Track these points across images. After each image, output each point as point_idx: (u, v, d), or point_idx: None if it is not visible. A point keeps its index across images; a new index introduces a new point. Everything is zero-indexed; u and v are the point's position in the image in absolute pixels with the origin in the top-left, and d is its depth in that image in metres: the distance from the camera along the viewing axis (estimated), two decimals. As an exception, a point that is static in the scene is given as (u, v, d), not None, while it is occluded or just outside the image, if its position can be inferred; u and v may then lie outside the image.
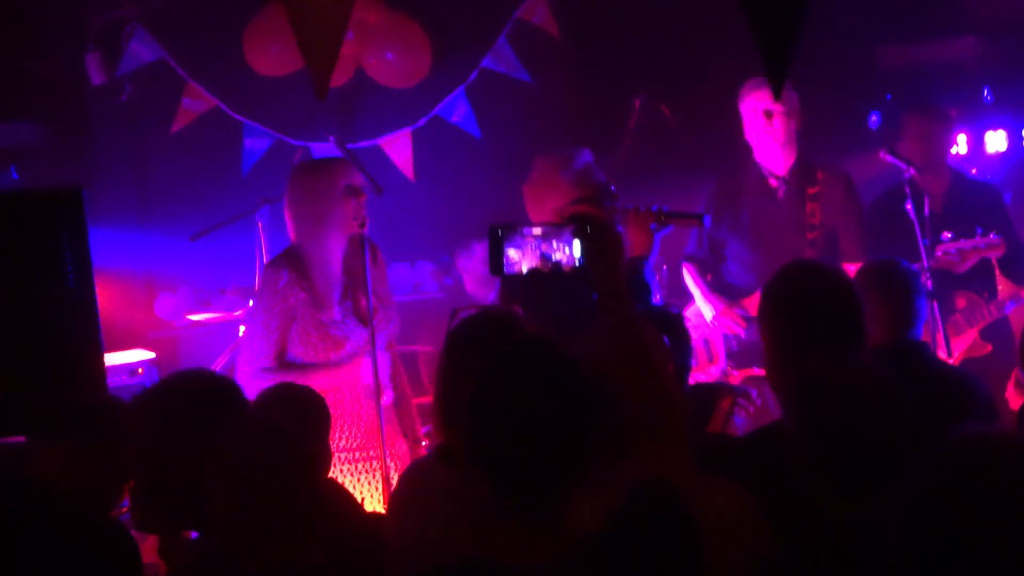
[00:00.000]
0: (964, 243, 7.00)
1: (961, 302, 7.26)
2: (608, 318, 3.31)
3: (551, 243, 3.41)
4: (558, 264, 3.42)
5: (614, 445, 3.22)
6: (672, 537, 2.97)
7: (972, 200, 7.52)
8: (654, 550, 2.95)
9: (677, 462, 3.21)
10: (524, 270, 3.44)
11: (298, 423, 4.07)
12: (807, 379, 3.58)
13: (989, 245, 7.04)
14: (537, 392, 3.02)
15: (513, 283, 5.46)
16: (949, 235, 7.03)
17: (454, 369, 4.14)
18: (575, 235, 3.41)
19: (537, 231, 3.41)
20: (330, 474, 4.96)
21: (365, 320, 6.05)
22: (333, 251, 6.09)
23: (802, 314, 4.16)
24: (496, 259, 3.44)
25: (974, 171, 8.69)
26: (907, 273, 5.25)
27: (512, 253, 3.42)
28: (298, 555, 3.60)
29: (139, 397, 4.16)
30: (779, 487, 3.64)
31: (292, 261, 6.06)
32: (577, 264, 3.40)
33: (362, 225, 6.02)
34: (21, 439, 4.36)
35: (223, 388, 4.10)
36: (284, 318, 5.99)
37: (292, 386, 4.88)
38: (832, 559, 3.42)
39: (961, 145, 8.89)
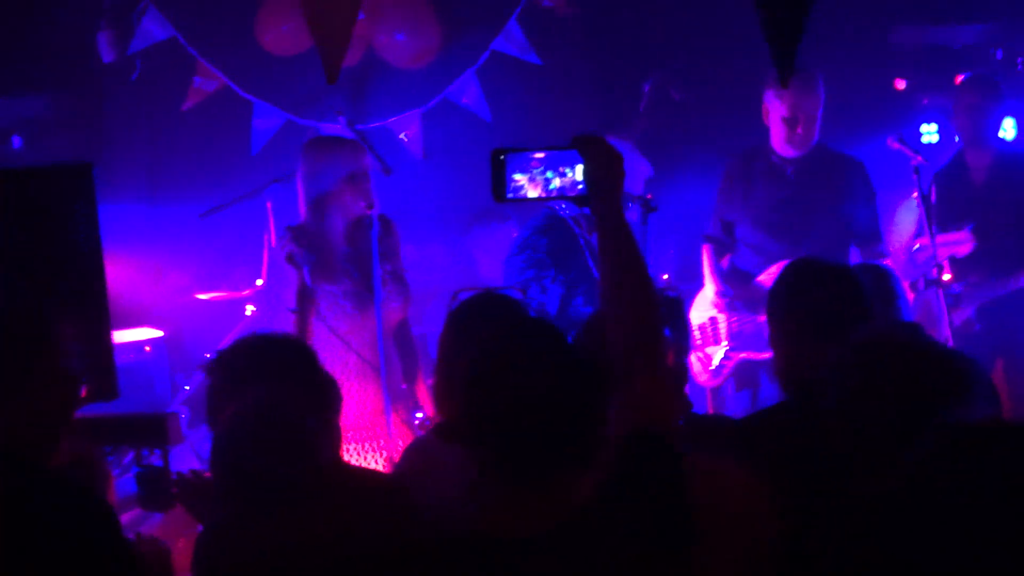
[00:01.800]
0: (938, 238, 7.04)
1: None
2: (606, 241, 3.29)
3: (554, 168, 3.39)
4: (561, 189, 3.40)
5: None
6: (663, 486, 2.99)
7: (1017, 175, 7.49)
8: (646, 501, 2.97)
9: (666, 406, 3.20)
10: (528, 195, 3.42)
11: (307, 397, 4.10)
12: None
13: (956, 241, 7.13)
14: (530, 366, 3.02)
15: None
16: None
17: (453, 348, 4.18)
18: (578, 159, 3.39)
19: (540, 155, 3.39)
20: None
21: (369, 295, 6.13)
22: (334, 230, 6.19)
23: (806, 309, 4.26)
24: (499, 185, 3.42)
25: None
26: (886, 277, 5.31)
27: (517, 177, 3.39)
28: (308, 527, 3.64)
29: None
30: (784, 470, 3.68)
31: (297, 234, 6.16)
32: (580, 188, 3.38)
33: (370, 206, 6.07)
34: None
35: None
36: (301, 287, 6.12)
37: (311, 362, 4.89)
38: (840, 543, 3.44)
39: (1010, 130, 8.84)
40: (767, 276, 6.98)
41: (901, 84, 8.97)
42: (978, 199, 7.32)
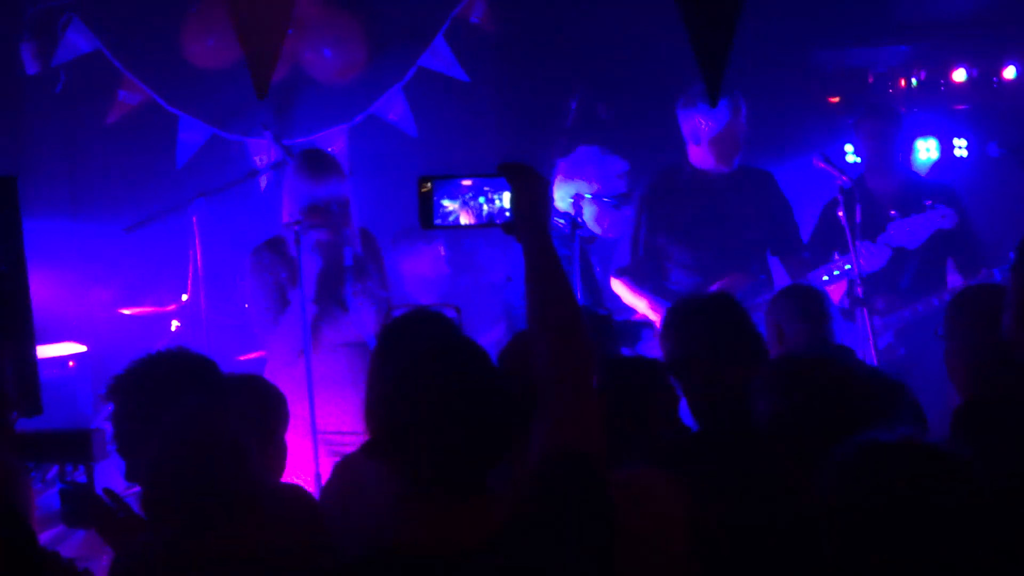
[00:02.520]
0: (915, 217, 7.14)
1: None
2: (532, 267, 3.31)
3: (482, 195, 3.40)
4: (490, 215, 3.41)
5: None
6: (584, 506, 3.02)
7: (923, 200, 7.58)
8: (567, 519, 2.99)
9: (590, 428, 3.23)
10: (460, 221, 3.43)
11: (252, 413, 4.09)
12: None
13: (943, 216, 7.21)
14: (448, 384, 3.04)
15: None
16: (895, 212, 7.20)
17: (381, 364, 4.19)
18: (506, 185, 3.40)
19: (467, 182, 3.40)
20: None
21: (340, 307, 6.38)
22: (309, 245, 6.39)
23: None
24: (426, 211, 3.42)
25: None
26: (819, 297, 5.39)
27: (446, 203, 3.40)
28: (239, 540, 3.62)
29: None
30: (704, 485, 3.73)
31: (273, 246, 6.49)
32: (507, 215, 3.39)
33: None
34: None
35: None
36: (275, 288, 6.39)
37: (257, 379, 4.88)
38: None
39: (932, 151, 9.02)
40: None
41: (835, 99, 9.06)
42: (881, 225, 7.36)
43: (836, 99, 9.28)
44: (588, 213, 6.93)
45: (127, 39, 9.05)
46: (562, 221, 6.82)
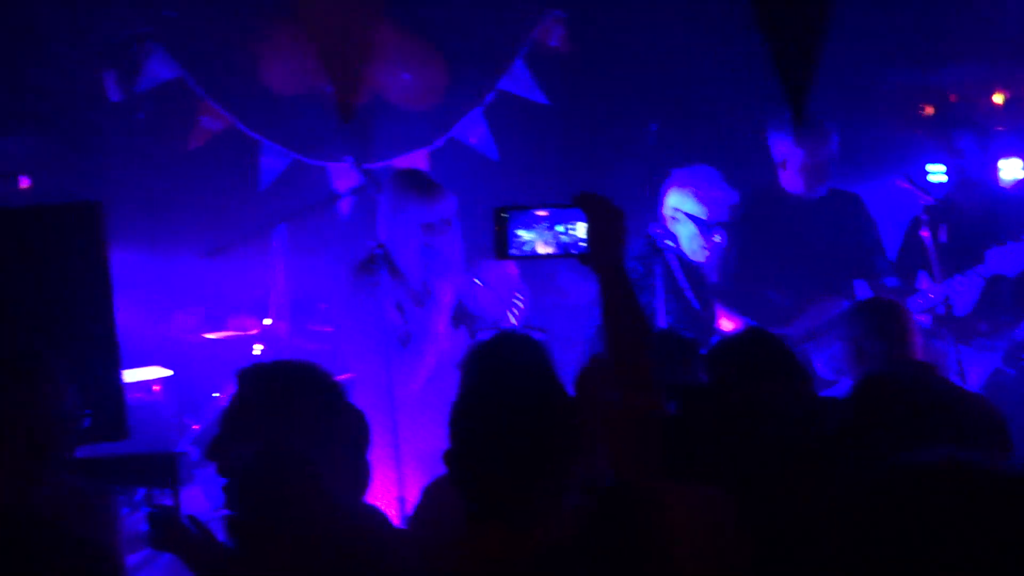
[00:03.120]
0: (1012, 245, 7.05)
1: None
2: (608, 298, 3.32)
3: (558, 225, 3.41)
4: (565, 246, 3.42)
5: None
6: (640, 542, 3.01)
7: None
8: (622, 554, 2.99)
9: (653, 459, 3.23)
10: (536, 251, 3.44)
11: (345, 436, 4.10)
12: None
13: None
14: (505, 407, 3.05)
15: None
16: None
17: (460, 385, 4.21)
18: (581, 216, 3.40)
19: (543, 212, 3.41)
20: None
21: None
22: (404, 259, 6.40)
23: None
24: (502, 242, 3.44)
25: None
26: (897, 313, 5.33)
27: (522, 233, 3.41)
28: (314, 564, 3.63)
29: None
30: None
31: (381, 265, 6.39)
32: (583, 246, 3.40)
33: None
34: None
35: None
36: (393, 309, 6.36)
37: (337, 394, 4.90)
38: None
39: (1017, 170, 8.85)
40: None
41: (930, 109, 8.97)
42: (970, 247, 7.27)
43: (931, 109, 9.18)
44: (684, 231, 6.89)
45: (208, 66, 9.13)
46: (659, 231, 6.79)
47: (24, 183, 8.46)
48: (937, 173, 8.72)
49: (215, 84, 9.12)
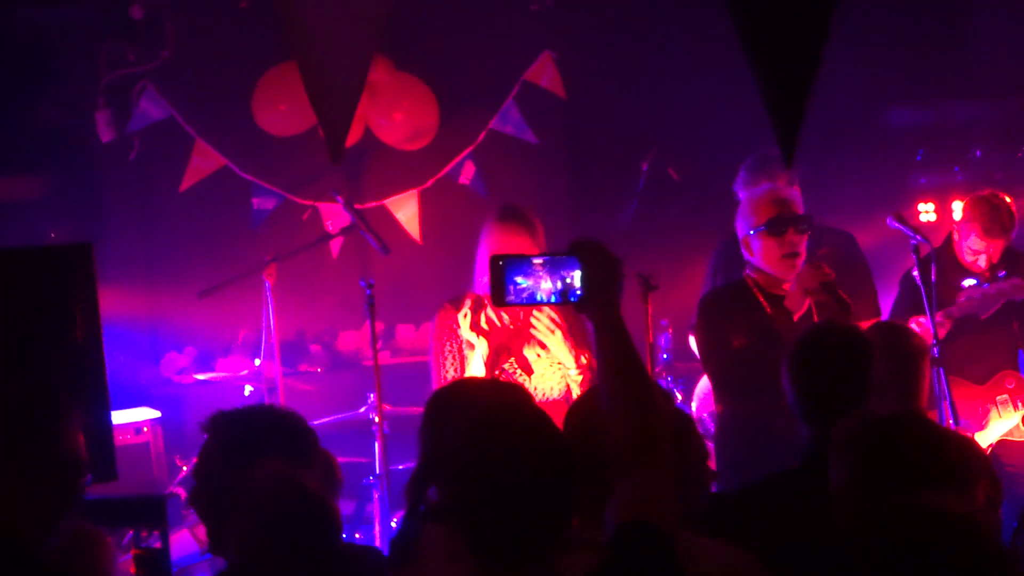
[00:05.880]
0: (988, 287, 7.00)
1: (1011, 381, 7.21)
2: (604, 345, 3.30)
3: (554, 273, 3.40)
4: (561, 294, 3.41)
5: (599, 491, 3.22)
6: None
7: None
8: None
9: (664, 499, 3.20)
10: (528, 300, 3.43)
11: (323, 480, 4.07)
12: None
13: (1014, 287, 7.04)
14: (512, 452, 3.04)
15: None
16: (973, 281, 7.06)
17: (440, 431, 4.16)
18: (577, 264, 3.40)
19: (539, 260, 3.41)
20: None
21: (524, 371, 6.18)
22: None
23: (812, 377, 4.41)
24: (499, 289, 3.43)
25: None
26: (914, 338, 5.25)
27: (520, 280, 3.41)
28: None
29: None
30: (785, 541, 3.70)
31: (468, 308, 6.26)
32: (579, 293, 3.39)
33: None
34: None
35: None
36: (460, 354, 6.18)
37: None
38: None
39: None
40: None
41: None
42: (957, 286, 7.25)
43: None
44: None
45: (200, 107, 9.16)
46: None
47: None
48: (927, 212, 8.73)
49: (207, 124, 9.14)
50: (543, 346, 6.13)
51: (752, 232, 6.06)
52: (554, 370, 6.12)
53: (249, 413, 4.18)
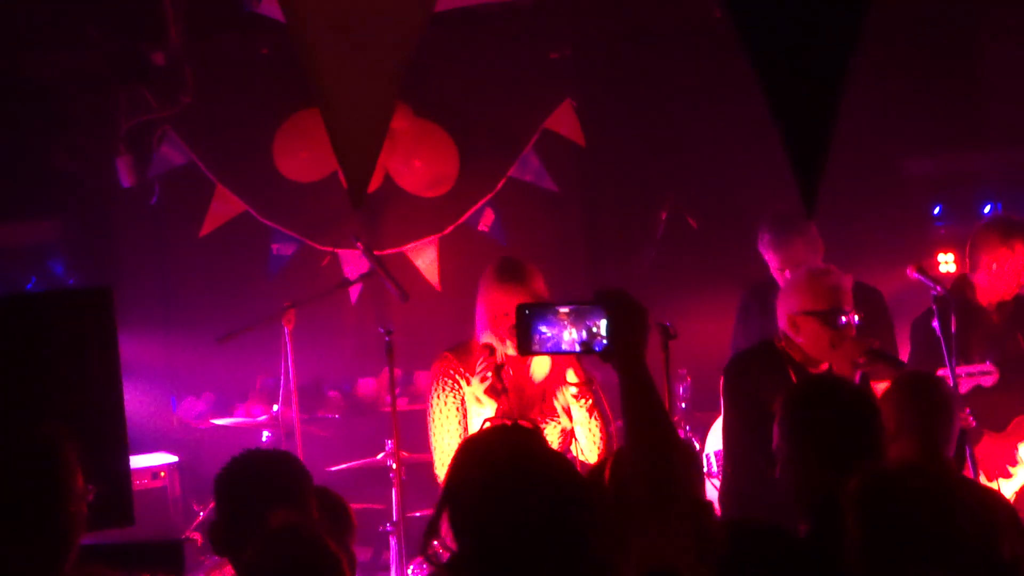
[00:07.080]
0: (959, 368, 6.96)
1: None
2: (630, 395, 3.29)
3: (580, 323, 3.40)
4: (587, 343, 3.41)
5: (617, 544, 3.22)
6: None
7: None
8: None
9: (687, 548, 3.19)
10: (561, 347, 3.44)
11: (330, 525, 4.07)
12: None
13: (982, 372, 7.04)
14: (527, 503, 3.03)
15: None
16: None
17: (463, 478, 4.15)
18: (603, 313, 3.40)
19: (565, 310, 3.41)
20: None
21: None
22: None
23: (817, 433, 4.33)
24: (524, 338, 3.44)
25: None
26: (943, 387, 5.23)
27: (545, 330, 3.42)
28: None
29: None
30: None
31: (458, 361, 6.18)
32: (605, 342, 3.39)
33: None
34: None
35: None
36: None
37: (325, 491, 4.87)
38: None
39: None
40: None
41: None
42: (995, 335, 7.24)
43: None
44: None
45: (220, 152, 9.19)
46: None
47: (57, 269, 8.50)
48: (947, 263, 8.69)
49: (227, 169, 9.17)
50: (553, 413, 6.04)
51: (803, 312, 5.86)
52: (551, 425, 6.05)
53: (246, 470, 4.22)
